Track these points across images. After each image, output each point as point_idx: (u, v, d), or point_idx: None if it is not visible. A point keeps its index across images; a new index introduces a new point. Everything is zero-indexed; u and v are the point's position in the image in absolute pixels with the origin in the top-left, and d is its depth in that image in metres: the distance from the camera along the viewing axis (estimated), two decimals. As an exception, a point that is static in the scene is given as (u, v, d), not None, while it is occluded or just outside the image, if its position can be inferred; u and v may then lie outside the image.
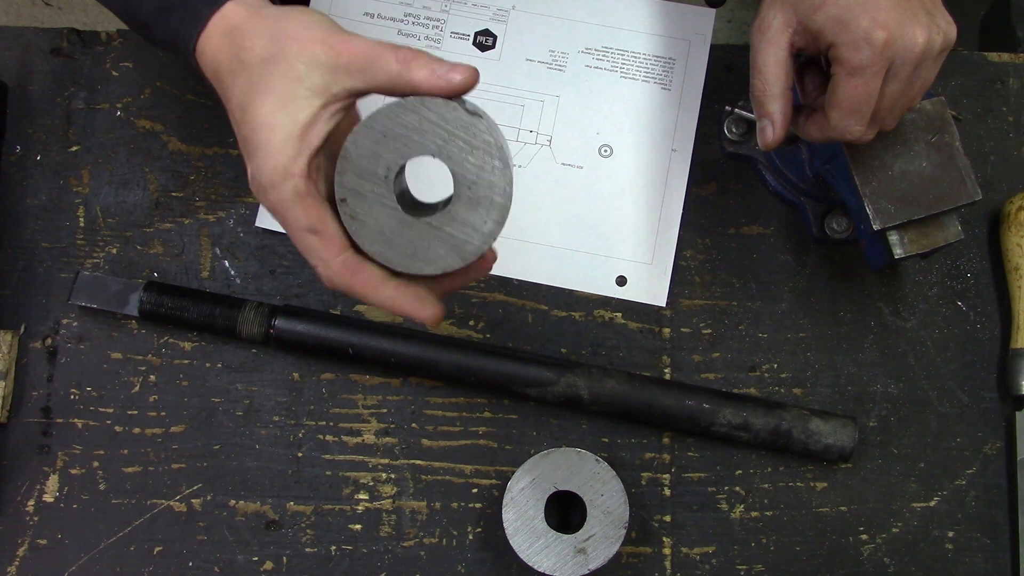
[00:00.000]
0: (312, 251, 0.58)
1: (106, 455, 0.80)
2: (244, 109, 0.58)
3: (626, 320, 0.82)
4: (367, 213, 0.55)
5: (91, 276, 0.80)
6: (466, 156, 0.55)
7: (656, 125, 0.84)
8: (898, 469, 0.80)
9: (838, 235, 0.77)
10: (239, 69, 0.59)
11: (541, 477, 0.73)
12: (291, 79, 0.57)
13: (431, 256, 0.56)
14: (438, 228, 0.55)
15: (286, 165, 0.56)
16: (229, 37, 0.59)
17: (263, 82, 0.57)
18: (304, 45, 0.57)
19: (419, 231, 0.55)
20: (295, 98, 0.57)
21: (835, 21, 0.60)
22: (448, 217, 0.55)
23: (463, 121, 0.54)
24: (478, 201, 0.55)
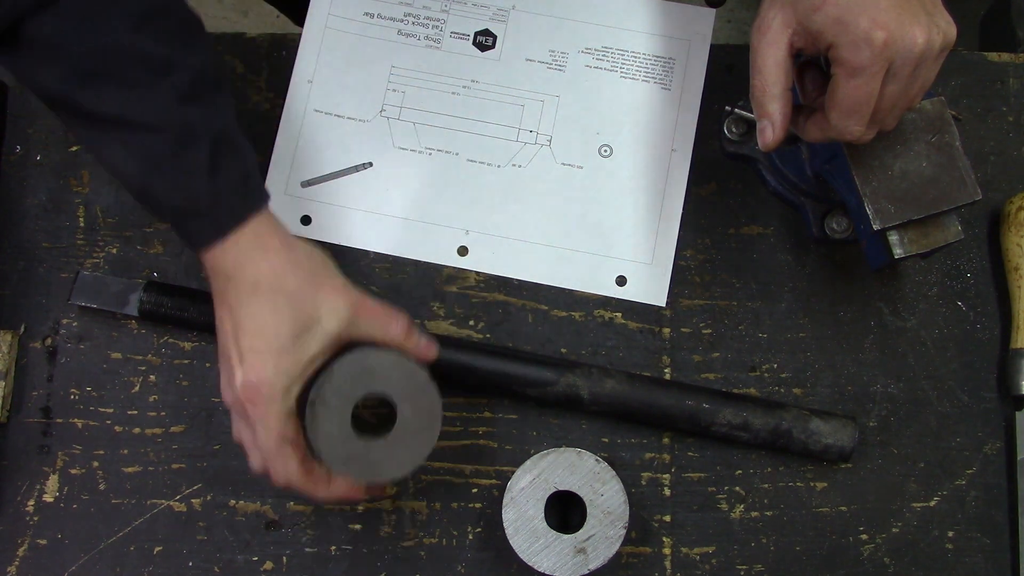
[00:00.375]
0: (281, 457, 0.67)
1: (106, 455, 0.80)
2: (255, 323, 0.66)
3: (626, 320, 0.82)
4: (326, 420, 0.68)
5: (91, 276, 0.80)
6: (411, 404, 0.69)
7: (656, 125, 0.85)
8: (898, 469, 0.80)
9: (838, 235, 0.77)
10: (263, 288, 0.66)
11: (541, 477, 0.73)
12: (313, 318, 0.67)
13: (360, 470, 0.68)
14: (374, 451, 0.69)
15: (287, 387, 0.66)
16: (259, 252, 0.67)
17: (287, 311, 0.66)
18: (332, 295, 0.68)
19: (359, 447, 0.68)
20: (311, 334, 0.67)
21: (835, 21, 0.60)
22: (383, 445, 0.69)
23: (420, 381, 0.69)
24: (408, 441, 0.69)
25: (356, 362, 0.68)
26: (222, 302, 0.67)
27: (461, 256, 0.83)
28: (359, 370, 0.68)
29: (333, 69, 0.86)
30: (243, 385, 0.66)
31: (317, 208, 0.83)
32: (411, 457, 0.69)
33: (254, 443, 0.68)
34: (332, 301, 0.68)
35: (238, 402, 0.67)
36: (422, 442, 0.69)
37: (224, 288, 0.67)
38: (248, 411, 0.66)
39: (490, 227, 0.83)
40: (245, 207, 0.67)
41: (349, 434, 0.68)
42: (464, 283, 0.83)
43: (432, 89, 0.85)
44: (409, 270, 0.83)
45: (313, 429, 0.68)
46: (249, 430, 0.67)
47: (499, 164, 0.84)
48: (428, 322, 0.82)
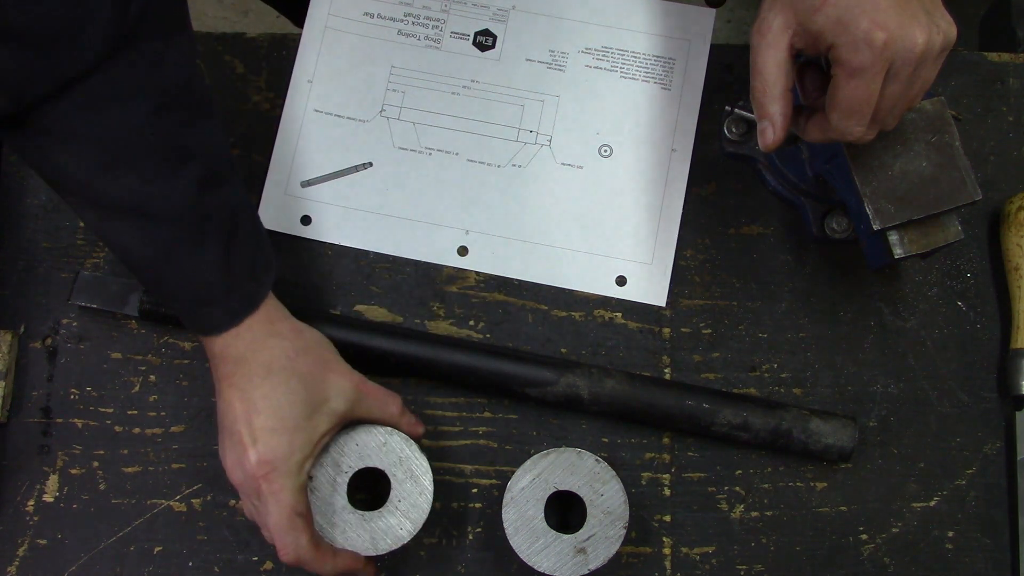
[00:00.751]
0: (293, 531, 0.68)
1: (106, 455, 0.80)
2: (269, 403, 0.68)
3: (626, 320, 0.82)
4: (323, 491, 0.72)
5: (91, 276, 0.80)
6: (404, 481, 0.73)
7: (656, 125, 0.85)
8: (898, 469, 0.80)
9: (838, 235, 0.77)
10: (276, 370, 0.68)
11: (541, 477, 0.73)
12: (322, 398, 0.70)
13: (360, 541, 0.72)
14: (372, 521, 0.73)
15: (301, 463, 0.69)
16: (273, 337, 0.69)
17: (300, 392, 0.69)
18: (339, 378, 0.71)
19: (357, 519, 0.72)
20: (320, 414, 0.70)
21: (835, 22, 0.60)
22: (379, 515, 0.73)
23: (411, 453, 0.73)
24: (404, 510, 0.73)
25: (350, 439, 0.73)
26: (230, 385, 0.69)
27: (461, 256, 0.83)
28: (353, 446, 0.73)
29: (333, 69, 0.85)
30: (258, 462, 0.67)
31: (317, 208, 0.83)
32: (407, 526, 0.73)
33: (266, 520, 0.69)
34: (339, 383, 0.71)
35: (251, 479, 0.68)
36: (417, 511, 0.73)
37: (233, 371, 0.68)
38: (262, 488, 0.68)
39: (490, 227, 0.83)
40: (258, 293, 0.69)
41: (346, 507, 0.72)
42: (464, 283, 0.83)
43: (432, 89, 0.85)
44: (409, 270, 0.83)
45: (312, 504, 0.72)
46: (262, 507, 0.68)
47: (499, 164, 0.84)
48: (428, 322, 0.82)
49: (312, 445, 0.70)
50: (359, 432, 0.73)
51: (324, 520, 0.72)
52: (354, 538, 0.72)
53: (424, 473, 0.73)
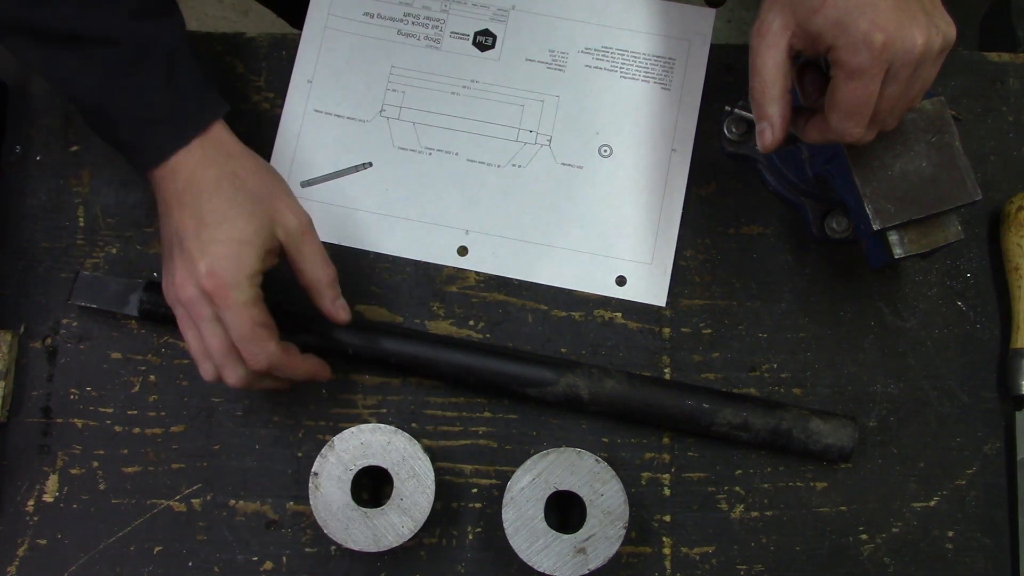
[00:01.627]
0: (257, 339, 0.68)
1: (106, 455, 0.80)
2: (218, 216, 0.68)
3: (626, 320, 0.82)
4: (327, 488, 0.73)
5: (91, 276, 0.80)
6: (407, 479, 0.73)
7: (656, 125, 0.85)
8: (898, 469, 0.80)
9: (838, 235, 0.77)
10: (225, 186, 0.69)
11: (541, 477, 0.73)
12: (271, 219, 0.70)
13: (357, 537, 0.73)
14: (375, 518, 0.73)
15: (251, 275, 0.68)
16: (222, 156, 0.70)
17: (248, 206, 0.69)
18: (289, 208, 0.71)
19: (360, 516, 0.73)
20: (268, 232, 0.70)
21: (834, 24, 0.60)
22: (382, 513, 0.73)
23: (416, 456, 0.74)
24: (406, 508, 0.73)
25: (355, 438, 0.74)
26: (179, 204, 0.69)
27: (461, 256, 0.83)
28: (358, 444, 0.74)
29: (333, 69, 0.85)
30: (208, 273, 0.67)
31: (317, 208, 0.83)
32: (409, 524, 0.73)
33: (225, 344, 0.69)
34: (287, 213, 0.71)
35: (201, 293, 0.68)
36: (418, 509, 0.73)
37: (183, 190, 0.69)
38: (219, 304, 0.68)
39: (490, 227, 0.83)
40: (205, 114, 0.70)
41: (349, 504, 0.73)
42: (464, 283, 0.83)
43: (432, 89, 0.85)
44: (409, 270, 0.83)
45: (315, 500, 0.73)
46: (211, 324, 0.68)
47: (499, 164, 0.84)
48: (428, 322, 0.82)
49: (260, 261, 0.69)
50: (364, 431, 0.74)
51: (328, 516, 0.73)
52: (357, 535, 0.73)
53: (426, 472, 0.74)
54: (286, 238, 0.71)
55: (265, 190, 0.71)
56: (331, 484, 0.73)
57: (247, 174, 0.71)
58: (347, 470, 0.73)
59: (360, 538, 0.73)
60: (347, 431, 0.74)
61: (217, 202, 0.69)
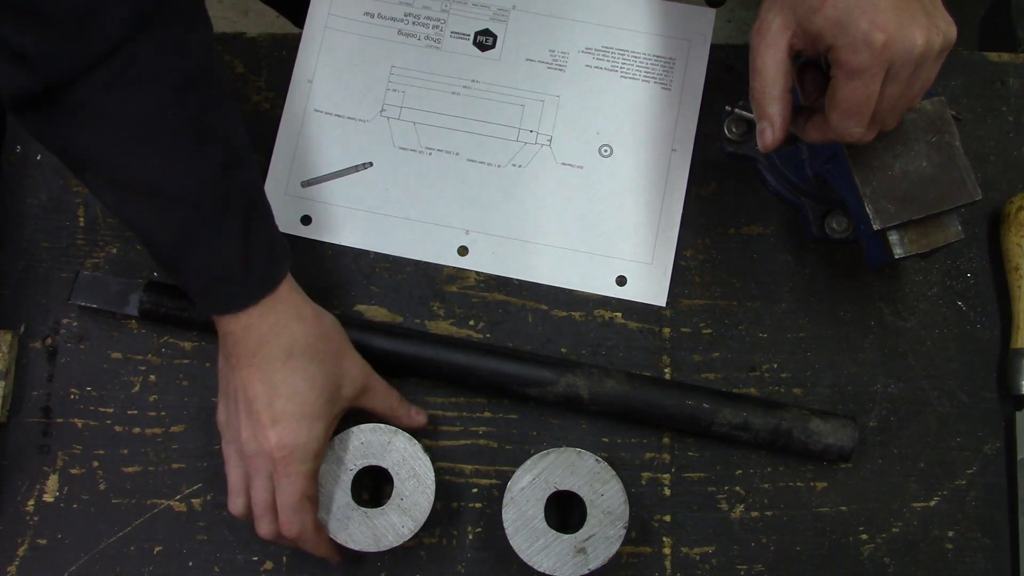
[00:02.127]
0: (300, 513, 0.70)
1: (106, 455, 0.80)
2: (290, 388, 0.69)
3: (626, 320, 0.82)
4: (327, 488, 0.73)
5: (91, 276, 0.80)
6: (407, 479, 0.74)
7: (656, 125, 0.85)
8: (898, 469, 0.80)
9: (838, 235, 0.77)
10: (298, 354, 0.70)
11: (541, 477, 0.73)
12: (338, 385, 0.72)
13: (357, 537, 0.73)
14: (374, 518, 0.73)
15: (318, 450, 0.71)
16: (295, 321, 0.70)
17: (320, 378, 0.71)
18: (352, 365, 0.74)
19: (361, 516, 0.73)
20: (335, 400, 0.72)
21: (834, 23, 0.60)
22: (382, 513, 0.73)
23: (417, 456, 0.74)
24: (405, 509, 0.73)
25: (355, 437, 0.74)
26: (250, 365, 0.69)
27: (461, 256, 0.83)
28: (358, 444, 0.74)
29: (333, 69, 0.85)
30: (278, 445, 0.69)
31: (317, 208, 0.83)
32: (409, 524, 0.73)
33: (269, 501, 0.71)
34: (351, 371, 0.74)
35: (267, 458, 0.69)
36: (419, 509, 0.74)
37: (254, 352, 0.69)
38: (279, 470, 0.69)
39: (490, 227, 0.83)
40: (276, 273, 0.70)
41: (350, 503, 0.73)
42: (464, 283, 0.83)
43: (432, 89, 0.85)
44: (409, 270, 0.83)
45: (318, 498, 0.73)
46: (264, 479, 0.70)
47: (499, 164, 0.84)
48: (428, 322, 0.82)
49: (328, 431, 0.72)
50: (364, 431, 0.74)
51: (328, 515, 0.73)
52: (357, 534, 0.73)
53: (427, 472, 0.74)
54: (352, 393, 0.74)
55: (333, 353, 0.72)
56: (331, 484, 0.73)
57: (317, 339, 0.71)
58: (347, 470, 0.74)
59: (360, 538, 0.73)
60: (347, 431, 0.74)
61: (288, 372, 0.69)
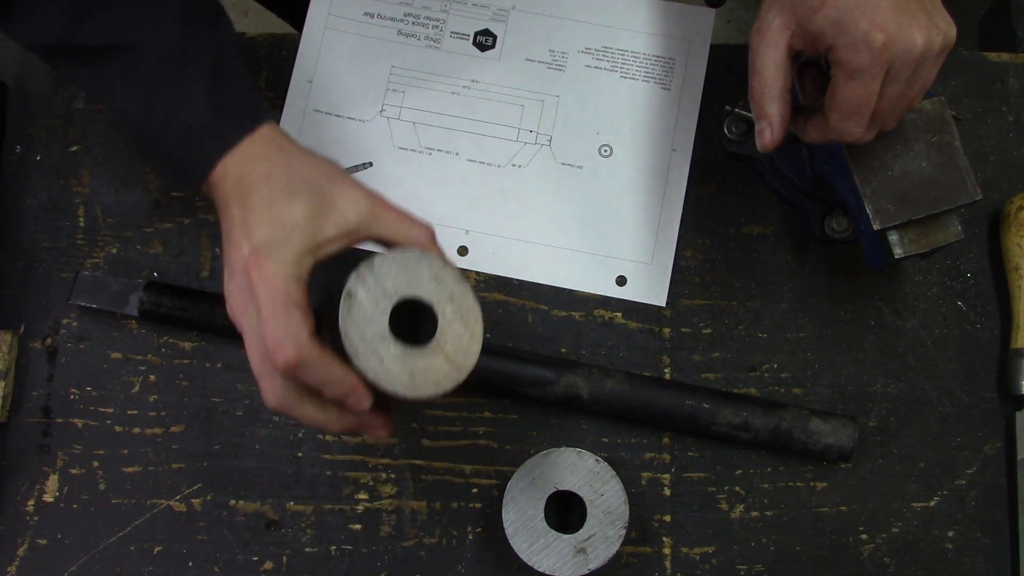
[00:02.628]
0: (287, 317, 0.59)
1: (106, 455, 0.80)
2: (266, 204, 0.62)
3: (626, 320, 0.82)
4: (364, 310, 0.61)
5: (91, 276, 0.80)
6: (453, 321, 0.63)
7: (656, 125, 0.85)
8: (898, 469, 0.80)
9: (838, 235, 0.77)
10: (276, 176, 0.63)
11: (541, 477, 0.73)
12: (329, 203, 0.63)
13: (393, 375, 0.61)
14: (414, 359, 0.62)
15: (297, 253, 0.61)
16: (273, 151, 0.64)
17: (302, 193, 0.63)
18: (352, 188, 0.64)
19: (398, 352, 0.61)
20: (326, 218, 0.63)
21: (834, 23, 0.60)
22: (424, 354, 0.62)
23: (466, 296, 0.64)
24: (449, 352, 0.63)
25: (398, 262, 0.62)
26: (228, 203, 0.64)
27: (461, 256, 0.83)
28: (401, 271, 0.62)
29: (333, 69, 0.86)
30: (250, 251, 0.61)
31: (317, 208, 0.83)
32: (452, 373, 0.62)
33: (251, 339, 0.61)
34: (351, 192, 0.64)
35: (244, 273, 0.61)
36: (464, 356, 0.63)
37: (232, 190, 0.63)
38: (252, 276, 0.60)
39: (490, 227, 0.83)
40: (252, 118, 0.65)
41: (387, 335, 0.61)
42: (464, 283, 0.83)
43: (432, 89, 0.85)
44: (409, 270, 0.83)
45: (347, 324, 0.60)
46: (250, 320, 0.61)
47: (499, 164, 0.84)
48: (428, 322, 0.82)
49: (313, 245, 0.62)
50: (408, 256, 0.63)
51: (361, 344, 0.61)
52: (393, 372, 0.61)
53: (476, 318, 0.64)
54: (355, 218, 0.64)
55: (322, 175, 0.64)
56: (369, 308, 0.61)
57: (303, 163, 0.64)
58: (387, 297, 0.62)
59: (396, 377, 0.61)
60: (389, 257, 0.62)
61: (266, 190, 0.62)
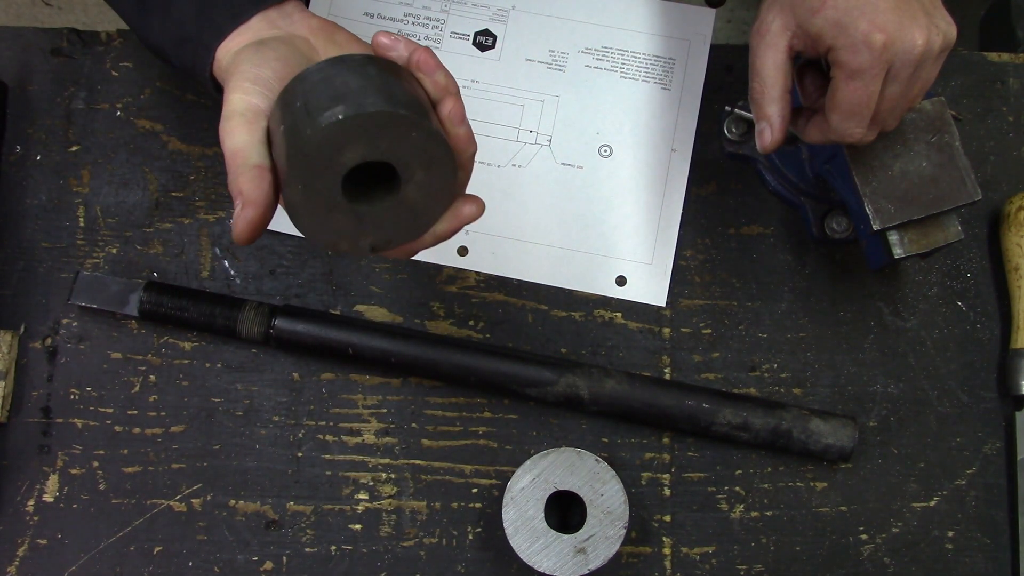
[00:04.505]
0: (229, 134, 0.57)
1: (106, 455, 0.80)
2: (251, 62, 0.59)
3: (626, 320, 0.82)
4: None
5: (91, 276, 0.80)
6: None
7: (656, 125, 0.85)
8: (898, 469, 0.80)
9: (838, 235, 0.77)
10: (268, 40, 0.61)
11: (541, 477, 0.73)
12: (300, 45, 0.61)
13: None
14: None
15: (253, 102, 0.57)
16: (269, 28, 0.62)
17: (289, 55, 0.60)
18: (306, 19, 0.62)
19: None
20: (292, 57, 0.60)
21: (834, 24, 0.60)
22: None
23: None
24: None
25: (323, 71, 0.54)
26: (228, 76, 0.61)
27: (461, 256, 0.83)
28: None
29: (333, 69, 0.85)
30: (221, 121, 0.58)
31: (317, 208, 0.83)
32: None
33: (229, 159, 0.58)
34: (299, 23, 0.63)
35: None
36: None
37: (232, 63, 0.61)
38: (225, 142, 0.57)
39: (490, 227, 0.83)
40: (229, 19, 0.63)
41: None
42: (464, 283, 0.83)
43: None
44: (409, 270, 0.83)
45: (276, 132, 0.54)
46: None
47: (499, 164, 0.84)
48: (428, 322, 0.82)
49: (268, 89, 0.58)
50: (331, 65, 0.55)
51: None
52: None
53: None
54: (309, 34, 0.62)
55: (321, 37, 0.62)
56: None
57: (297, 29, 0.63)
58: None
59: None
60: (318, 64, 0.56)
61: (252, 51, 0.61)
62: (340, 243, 0.55)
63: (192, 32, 0.64)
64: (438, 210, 0.56)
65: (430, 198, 0.55)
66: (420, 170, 0.54)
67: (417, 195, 0.55)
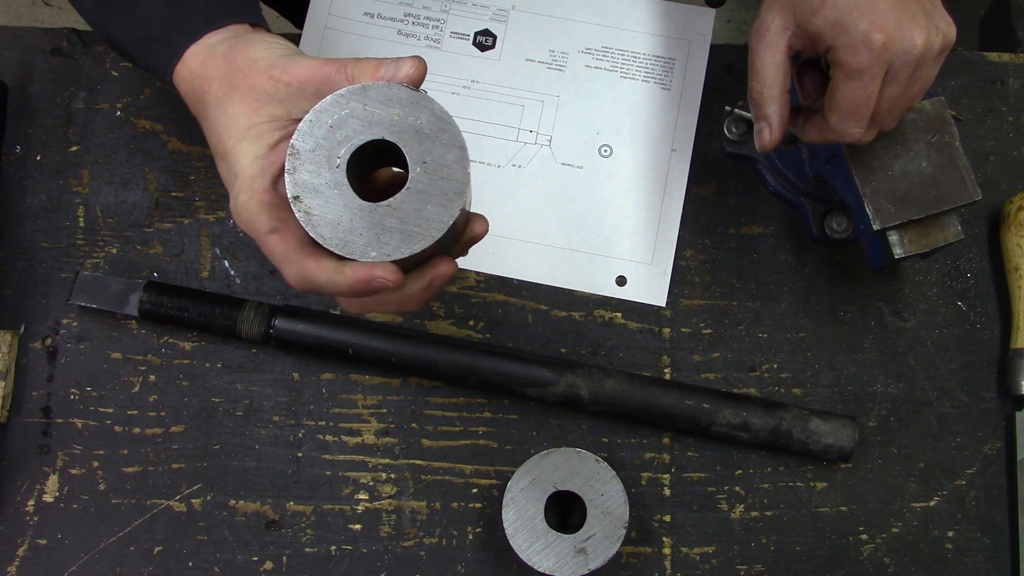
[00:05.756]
0: (275, 251, 0.58)
1: (106, 455, 0.80)
2: (215, 146, 0.62)
3: (626, 320, 0.82)
4: (322, 207, 0.54)
5: (91, 276, 0.80)
6: (416, 137, 0.55)
7: (656, 125, 0.85)
8: (898, 469, 0.80)
9: (838, 235, 0.77)
10: (203, 112, 0.63)
11: (541, 477, 0.73)
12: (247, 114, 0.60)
13: (389, 242, 0.54)
14: (396, 210, 0.54)
15: (251, 184, 0.58)
16: (193, 81, 0.63)
17: (225, 120, 0.60)
18: (253, 81, 0.60)
19: (378, 216, 0.54)
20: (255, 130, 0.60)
21: (833, 24, 0.60)
22: (404, 200, 0.54)
23: (407, 98, 0.54)
24: (435, 185, 0.54)
25: (317, 119, 0.54)
26: (205, 106, 0.62)
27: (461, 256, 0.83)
28: (325, 128, 0.55)
29: (333, 69, 0.85)
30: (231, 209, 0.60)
31: (317, 208, 0.83)
32: (437, 215, 0.54)
33: None
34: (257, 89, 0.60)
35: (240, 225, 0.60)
36: (447, 194, 0.54)
37: (203, 90, 0.62)
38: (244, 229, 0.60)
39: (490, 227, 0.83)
40: (198, 25, 0.64)
41: (346, 204, 0.54)
42: (464, 283, 0.83)
43: (432, 89, 0.85)
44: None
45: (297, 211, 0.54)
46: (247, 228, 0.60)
47: (499, 164, 0.84)
48: (428, 322, 0.82)
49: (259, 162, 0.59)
50: (327, 105, 0.55)
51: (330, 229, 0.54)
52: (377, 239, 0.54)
53: (442, 114, 0.55)
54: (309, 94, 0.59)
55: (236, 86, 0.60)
56: (321, 192, 0.55)
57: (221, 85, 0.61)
58: (336, 167, 0.55)
59: (387, 241, 0.55)
60: (328, 99, 0.55)
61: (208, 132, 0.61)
62: None
63: (159, 32, 0.65)
64: None
65: None
66: None
67: None
